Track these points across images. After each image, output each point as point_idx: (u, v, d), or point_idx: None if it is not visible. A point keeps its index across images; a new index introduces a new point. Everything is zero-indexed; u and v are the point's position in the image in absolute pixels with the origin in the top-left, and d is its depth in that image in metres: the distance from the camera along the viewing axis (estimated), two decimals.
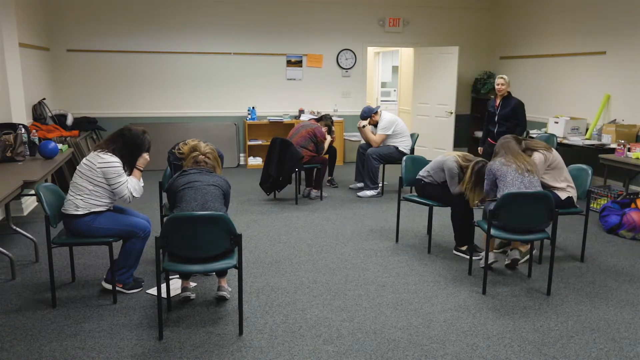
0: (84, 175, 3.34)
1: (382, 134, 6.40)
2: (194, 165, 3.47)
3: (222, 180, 3.40)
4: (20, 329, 3.09)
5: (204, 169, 3.42)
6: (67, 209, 3.33)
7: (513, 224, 3.60)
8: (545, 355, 2.87)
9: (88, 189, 3.32)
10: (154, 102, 8.01)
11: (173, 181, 3.36)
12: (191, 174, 3.35)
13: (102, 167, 3.33)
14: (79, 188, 3.33)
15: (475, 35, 9.12)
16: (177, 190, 3.28)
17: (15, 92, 5.39)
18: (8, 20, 5.25)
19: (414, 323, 3.22)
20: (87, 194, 3.32)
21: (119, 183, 3.37)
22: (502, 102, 5.85)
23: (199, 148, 3.54)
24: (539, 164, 4.19)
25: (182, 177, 3.33)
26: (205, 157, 3.50)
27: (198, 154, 3.49)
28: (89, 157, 3.39)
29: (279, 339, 3.00)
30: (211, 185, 3.28)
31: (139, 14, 7.78)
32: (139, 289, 3.59)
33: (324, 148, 6.31)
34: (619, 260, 4.35)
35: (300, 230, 5.05)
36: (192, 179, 3.29)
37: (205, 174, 3.36)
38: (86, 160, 3.38)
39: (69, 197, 3.35)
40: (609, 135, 6.27)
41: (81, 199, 3.31)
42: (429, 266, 4.16)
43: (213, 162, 3.53)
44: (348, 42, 8.64)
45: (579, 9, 7.15)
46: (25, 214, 5.45)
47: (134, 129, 3.53)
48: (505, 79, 5.85)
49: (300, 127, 6.25)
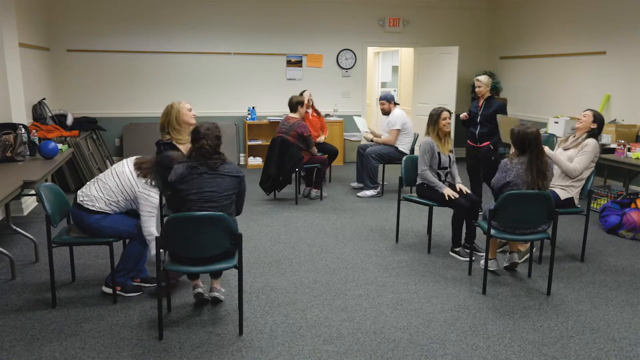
0: (120, 186, 3.33)
1: (392, 129, 6.37)
2: (200, 157, 3.11)
3: (234, 178, 3.15)
4: (20, 329, 3.09)
5: (214, 164, 3.10)
6: (84, 201, 3.31)
7: (513, 224, 3.59)
8: (545, 355, 2.87)
9: (117, 198, 3.34)
10: (154, 102, 8.00)
11: (180, 180, 3.07)
12: (202, 175, 3.07)
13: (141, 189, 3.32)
14: (108, 191, 3.33)
15: (475, 35, 9.12)
16: (184, 194, 3.07)
17: (15, 92, 5.39)
18: (8, 20, 5.25)
19: (414, 323, 3.22)
20: (113, 201, 3.34)
21: (149, 213, 3.34)
22: (485, 103, 5.72)
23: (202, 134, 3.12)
24: (592, 150, 4.19)
25: (191, 180, 3.06)
26: (209, 142, 3.10)
27: (203, 144, 3.09)
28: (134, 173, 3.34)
29: (279, 339, 3.01)
30: (224, 195, 3.09)
31: (139, 14, 7.78)
32: (138, 293, 3.56)
33: (312, 143, 6.06)
34: (619, 260, 4.35)
35: (300, 230, 5.05)
36: (203, 187, 3.05)
37: (218, 177, 3.09)
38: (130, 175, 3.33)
39: (93, 193, 3.33)
40: (609, 135, 6.27)
41: (104, 202, 3.32)
42: (429, 266, 4.16)
43: (216, 141, 3.14)
44: (348, 42, 8.64)
45: (579, 9, 7.14)
46: (25, 214, 5.45)
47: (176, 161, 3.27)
48: (481, 81, 5.69)
49: (287, 129, 5.99)
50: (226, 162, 3.18)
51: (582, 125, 4.34)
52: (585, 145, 4.23)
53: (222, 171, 3.13)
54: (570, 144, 4.37)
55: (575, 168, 4.19)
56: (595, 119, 4.32)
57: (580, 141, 4.29)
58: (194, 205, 3.06)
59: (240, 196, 3.30)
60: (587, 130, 4.32)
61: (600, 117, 4.35)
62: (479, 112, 5.77)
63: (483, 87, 5.70)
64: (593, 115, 4.32)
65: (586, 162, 4.21)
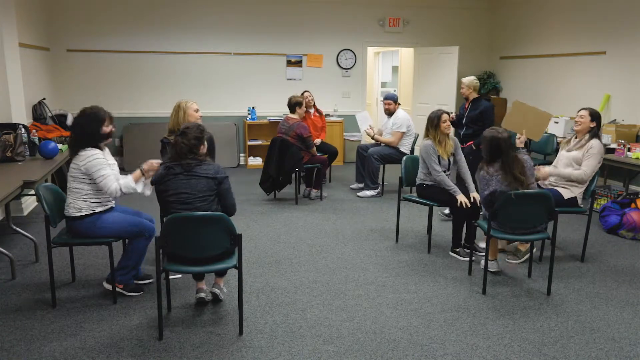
0: (76, 179, 3.30)
1: (397, 131, 6.35)
2: (176, 156, 3.13)
3: (210, 179, 3.12)
4: (20, 329, 3.09)
5: (189, 164, 3.10)
6: (69, 212, 3.31)
7: (513, 224, 3.59)
8: (545, 355, 2.87)
9: (85, 189, 3.31)
10: (154, 102, 8.00)
11: (159, 180, 3.13)
12: (178, 176, 3.08)
13: (84, 164, 3.27)
14: (76, 191, 3.32)
15: (475, 35, 9.12)
16: (164, 196, 3.12)
17: (15, 92, 5.39)
18: (8, 20, 5.25)
19: (414, 323, 3.22)
20: (85, 194, 3.31)
21: (102, 177, 3.27)
22: (471, 105, 5.65)
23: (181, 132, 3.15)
24: (597, 153, 4.17)
25: (168, 181, 3.09)
26: (184, 141, 3.11)
27: (178, 141, 3.12)
28: (73, 160, 3.33)
29: (279, 339, 3.00)
30: (199, 197, 3.07)
31: (139, 14, 7.78)
32: (139, 293, 3.56)
33: (312, 144, 6.06)
34: (619, 260, 4.35)
35: (300, 230, 5.05)
36: (179, 188, 3.07)
37: (193, 178, 3.07)
38: (72, 164, 3.33)
39: (70, 202, 3.33)
40: (609, 135, 6.27)
41: (82, 201, 3.31)
42: (429, 266, 4.16)
43: (193, 141, 3.12)
44: (348, 42, 8.64)
45: (579, 9, 7.14)
46: (25, 214, 5.45)
47: (82, 110, 3.39)
48: (464, 83, 5.63)
49: (287, 129, 6.00)
50: (204, 163, 3.13)
51: (581, 127, 4.32)
52: (591, 148, 4.21)
53: (197, 172, 3.10)
54: (574, 145, 4.35)
55: (585, 172, 4.18)
56: (593, 117, 4.28)
57: (584, 143, 4.27)
58: (172, 207, 3.08)
59: (224, 197, 3.22)
60: (587, 130, 4.30)
61: (596, 113, 4.31)
62: (465, 113, 5.72)
63: (465, 89, 5.66)
64: (589, 114, 4.29)
65: (594, 164, 4.20)
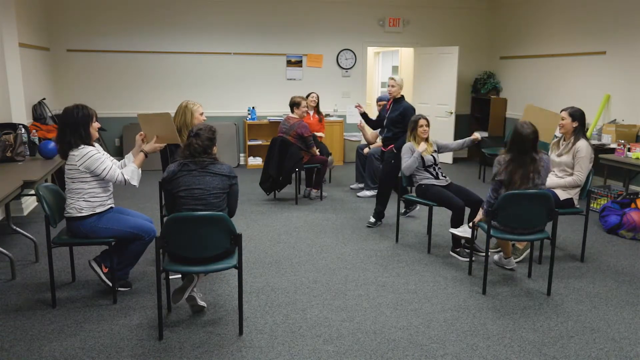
0: (76, 179, 3.29)
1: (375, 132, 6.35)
2: (189, 156, 3.14)
3: (225, 177, 3.15)
4: (20, 329, 3.09)
5: (203, 162, 3.12)
6: (70, 213, 3.31)
7: (513, 224, 3.59)
8: (545, 355, 2.87)
9: (85, 189, 3.31)
10: (154, 102, 8.00)
11: (171, 177, 3.11)
12: (192, 172, 3.09)
13: (82, 163, 3.25)
14: (76, 192, 3.31)
15: (475, 35, 9.12)
16: (175, 191, 3.11)
17: (15, 92, 5.39)
18: (8, 20, 5.25)
19: (414, 323, 3.22)
20: (86, 194, 3.31)
21: (105, 169, 3.28)
22: (392, 106, 5.24)
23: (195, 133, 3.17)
24: (586, 155, 4.14)
25: (182, 177, 3.10)
26: (198, 142, 3.12)
27: (192, 142, 3.13)
28: (68, 161, 3.31)
29: (279, 339, 3.00)
30: (212, 194, 3.09)
31: (139, 14, 7.78)
32: (127, 288, 3.60)
33: (312, 143, 6.04)
34: (619, 260, 4.35)
35: (300, 230, 5.05)
36: (192, 184, 3.08)
37: (207, 175, 3.10)
38: (68, 165, 3.30)
39: (70, 202, 3.32)
40: (609, 135, 6.27)
41: (83, 200, 3.30)
42: (429, 266, 4.16)
43: (207, 142, 3.15)
44: (348, 42, 8.64)
45: (579, 9, 7.14)
46: (25, 214, 5.45)
47: (67, 109, 3.32)
48: (395, 80, 5.21)
49: (287, 129, 5.99)
50: (218, 163, 3.19)
51: (564, 129, 4.27)
52: (578, 151, 4.17)
53: (212, 170, 3.13)
54: (563, 149, 4.32)
55: (579, 177, 4.18)
56: (574, 117, 4.22)
57: (570, 146, 4.23)
58: (184, 202, 3.09)
59: (232, 197, 3.26)
60: (571, 131, 4.25)
61: (577, 112, 4.23)
62: (385, 115, 5.33)
63: (397, 88, 5.22)
64: (569, 114, 4.23)
65: (586, 165, 4.18)
